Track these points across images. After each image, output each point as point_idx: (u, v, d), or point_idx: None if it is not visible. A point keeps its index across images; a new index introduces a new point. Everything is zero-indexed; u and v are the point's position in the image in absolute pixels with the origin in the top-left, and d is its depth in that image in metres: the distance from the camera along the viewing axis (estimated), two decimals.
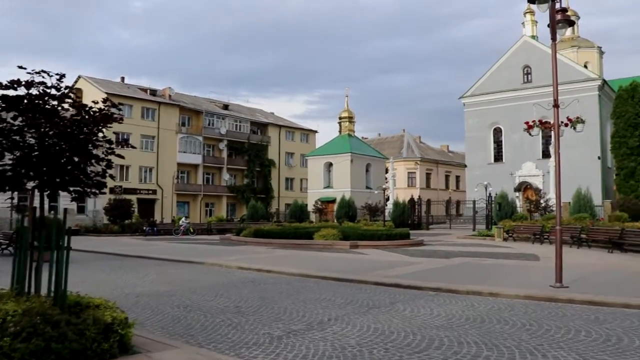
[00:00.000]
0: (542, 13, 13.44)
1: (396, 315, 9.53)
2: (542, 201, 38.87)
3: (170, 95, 67.37)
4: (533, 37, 56.46)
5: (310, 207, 56.35)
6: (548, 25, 13.60)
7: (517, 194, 50.79)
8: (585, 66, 58.49)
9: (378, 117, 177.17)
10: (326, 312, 9.74)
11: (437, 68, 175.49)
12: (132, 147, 7.34)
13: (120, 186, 57.68)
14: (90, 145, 6.45)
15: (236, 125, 73.33)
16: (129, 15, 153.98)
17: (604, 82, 53.73)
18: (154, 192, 62.89)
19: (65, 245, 6.00)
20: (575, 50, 64.43)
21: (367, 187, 61.22)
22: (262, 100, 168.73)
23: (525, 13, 57.91)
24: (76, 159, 6.39)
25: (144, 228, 43.13)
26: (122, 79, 68.59)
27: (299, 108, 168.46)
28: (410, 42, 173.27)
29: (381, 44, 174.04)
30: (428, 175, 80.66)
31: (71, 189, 6.44)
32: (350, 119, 65.39)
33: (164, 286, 13.26)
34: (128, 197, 53.45)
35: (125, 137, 42.18)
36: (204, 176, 69.05)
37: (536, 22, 57.07)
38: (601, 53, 67.52)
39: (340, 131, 65.70)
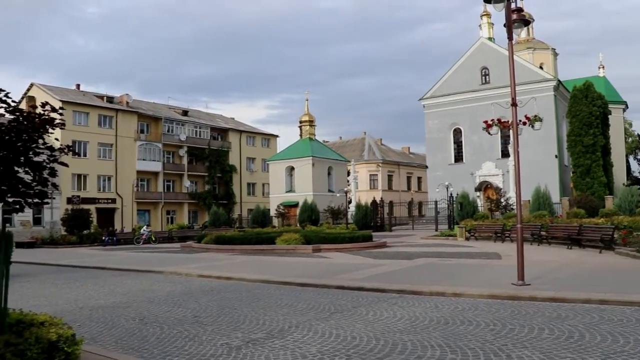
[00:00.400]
0: (499, 15, 13.57)
1: (359, 319, 9.33)
2: (502, 200, 39.33)
3: (128, 102, 66.12)
4: (490, 39, 57.25)
5: (272, 212, 55.93)
6: (504, 25, 13.64)
7: (478, 193, 51.40)
8: (541, 67, 59.50)
9: (340, 121, 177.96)
10: (287, 319, 9.49)
11: (398, 71, 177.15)
12: (76, 154, 6.94)
13: (78, 196, 56.36)
14: (30, 153, 6.09)
15: (196, 131, 72.44)
16: (84, 21, 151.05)
17: (559, 82, 54.76)
18: (114, 201, 61.61)
19: (3, 259, 5.61)
20: (531, 51, 65.51)
21: (330, 191, 61.09)
22: (222, 105, 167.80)
23: (482, 16, 58.72)
24: (16, 168, 6.01)
25: (103, 238, 42.11)
26: (78, 86, 67.00)
27: (260, 113, 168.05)
28: (371, 46, 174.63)
29: (342, 48, 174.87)
30: (390, 177, 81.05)
31: (9, 199, 6.05)
32: (311, 122, 65.18)
33: (120, 297, 12.83)
34: (86, 206, 52.24)
35: (74, 145, 41.56)
36: (164, 183, 67.96)
37: (493, 24, 57.91)
38: (555, 54, 68.84)
39: (301, 135, 65.44)
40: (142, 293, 13.54)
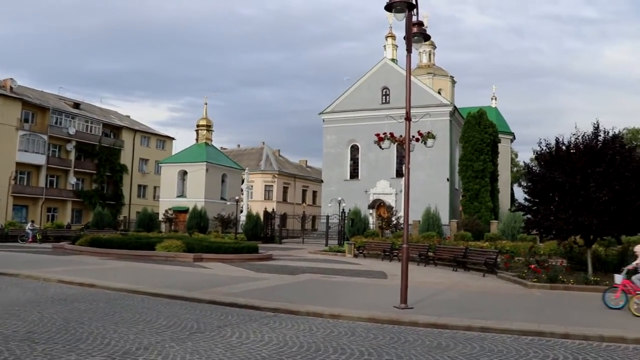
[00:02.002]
0: (403, 40, 13.04)
1: (220, 342, 8.24)
2: (393, 218, 39.48)
3: (11, 87, 61.26)
4: (393, 60, 57.98)
5: (161, 217, 53.64)
6: (404, 38, 13.14)
7: (371, 211, 51.61)
8: (439, 92, 61.02)
9: (243, 129, 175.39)
10: (138, 339, 8.24)
11: (305, 85, 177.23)
12: None
13: None
14: None
15: (87, 126, 68.45)
16: None
17: (455, 108, 56.26)
18: None
19: None
20: (431, 77, 67.25)
21: (222, 198, 59.58)
22: (124, 104, 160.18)
23: (387, 37, 59.42)
24: None
25: None
26: None
27: (162, 115, 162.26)
28: (282, 57, 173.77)
29: (253, 56, 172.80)
30: (285, 189, 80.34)
31: None
32: (208, 127, 63.49)
33: None
34: None
35: None
36: (47, 178, 63.48)
37: (397, 46, 58.69)
38: (453, 82, 71.11)
39: (197, 139, 63.57)
40: None
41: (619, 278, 13.17)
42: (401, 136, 13.51)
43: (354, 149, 58.28)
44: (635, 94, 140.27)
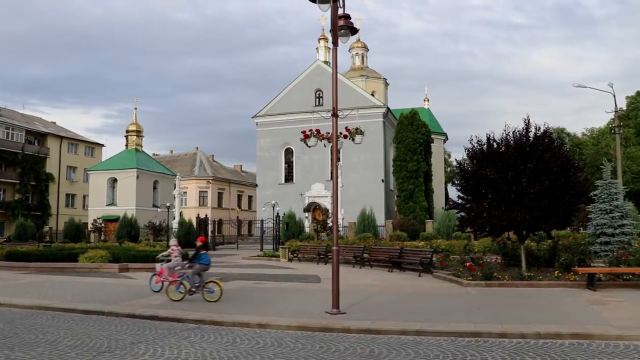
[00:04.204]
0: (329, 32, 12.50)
1: None
2: (329, 221, 39.02)
3: None
4: (326, 62, 57.64)
5: (90, 226, 51.47)
6: (330, 31, 12.60)
7: (306, 214, 51.01)
8: (373, 94, 61.10)
9: (179, 135, 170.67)
10: None
11: (241, 90, 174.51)
12: None
13: None
14: None
15: (8, 133, 65.12)
16: None
17: (388, 110, 56.44)
18: None
19: None
20: (364, 79, 67.26)
21: (154, 205, 57.75)
22: (54, 110, 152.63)
23: (319, 39, 59.12)
24: None
25: None
26: None
27: (95, 121, 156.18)
28: (217, 62, 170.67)
29: (188, 61, 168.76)
30: (220, 195, 78.85)
31: None
32: (139, 132, 61.49)
33: None
34: None
35: None
36: None
37: (329, 48, 58.16)
38: (386, 84, 71.45)
39: (127, 145, 61.49)
40: None
41: (158, 266, 15.60)
42: (328, 133, 12.94)
43: (288, 152, 57.67)
44: (562, 96, 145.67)
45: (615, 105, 39.15)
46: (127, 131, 61.57)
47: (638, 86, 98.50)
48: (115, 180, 58.50)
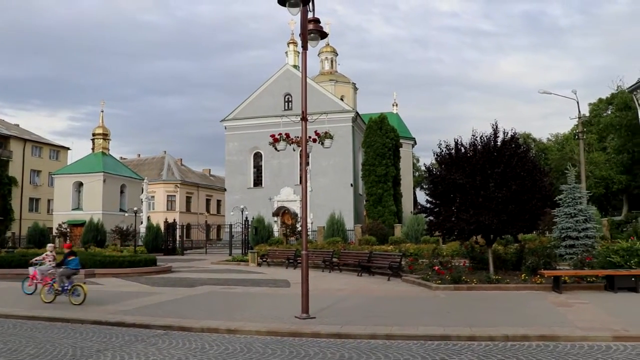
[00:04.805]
0: (299, 36, 12.47)
1: None
2: (298, 225, 38.96)
3: None
4: (295, 66, 57.61)
5: (55, 231, 50.53)
6: (300, 35, 12.58)
7: (275, 218, 50.87)
8: (342, 99, 61.24)
9: (148, 139, 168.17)
10: None
11: (211, 93, 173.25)
12: None
13: None
14: None
15: None
16: None
17: (357, 114, 56.59)
18: None
19: None
20: (333, 84, 67.42)
21: (121, 210, 57.01)
22: (18, 113, 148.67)
23: (289, 43, 59.07)
24: None
25: None
26: None
27: (61, 124, 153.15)
28: (187, 66, 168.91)
29: (157, 64, 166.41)
30: (189, 199, 78.18)
31: None
32: (105, 136, 60.64)
33: None
34: None
35: None
36: None
37: (299, 52, 58.40)
38: (356, 89, 71.76)
39: (93, 149, 60.58)
40: None
41: (31, 270, 16.18)
42: (297, 137, 12.90)
43: (257, 157, 57.45)
44: (529, 102, 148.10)
45: (579, 112, 39.96)
46: (94, 134, 60.68)
47: (600, 93, 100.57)
48: (81, 184, 57.57)
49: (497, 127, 17.77)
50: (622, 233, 30.39)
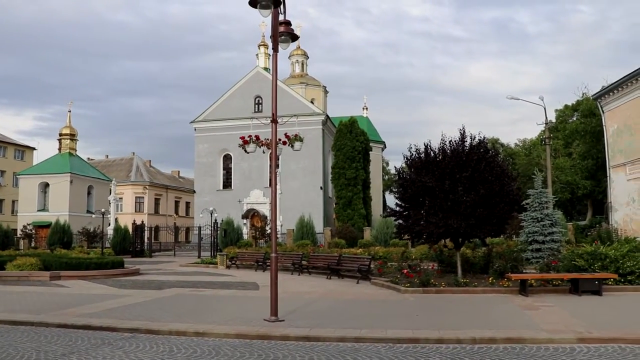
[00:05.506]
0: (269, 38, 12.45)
1: None
2: (267, 228, 38.83)
3: None
4: (266, 69, 57.48)
5: (19, 233, 49.58)
6: (271, 37, 12.56)
7: (245, 221, 50.68)
8: (312, 102, 61.32)
9: (116, 140, 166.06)
10: None
11: (181, 95, 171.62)
12: None
13: None
14: None
15: None
16: None
17: (328, 117, 56.71)
18: None
19: None
20: (304, 87, 67.44)
21: (89, 211, 56.23)
22: None
23: (259, 45, 58.97)
24: None
25: None
26: None
27: (27, 124, 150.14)
28: (157, 66, 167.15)
29: (127, 64, 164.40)
30: (157, 201, 77.45)
31: None
32: (72, 136, 59.81)
33: None
34: None
35: None
36: None
37: (269, 55, 58.23)
38: (326, 92, 71.91)
39: (60, 149, 59.64)
40: None
41: None
42: (267, 139, 12.88)
43: (227, 159, 57.17)
44: (498, 107, 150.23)
45: (546, 118, 40.62)
46: (61, 134, 59.84)
47: (567, 100, 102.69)
48: (47, 185, 56.69)
49: (464, 132, 17.96)
50: (586, 237, 31.03)
